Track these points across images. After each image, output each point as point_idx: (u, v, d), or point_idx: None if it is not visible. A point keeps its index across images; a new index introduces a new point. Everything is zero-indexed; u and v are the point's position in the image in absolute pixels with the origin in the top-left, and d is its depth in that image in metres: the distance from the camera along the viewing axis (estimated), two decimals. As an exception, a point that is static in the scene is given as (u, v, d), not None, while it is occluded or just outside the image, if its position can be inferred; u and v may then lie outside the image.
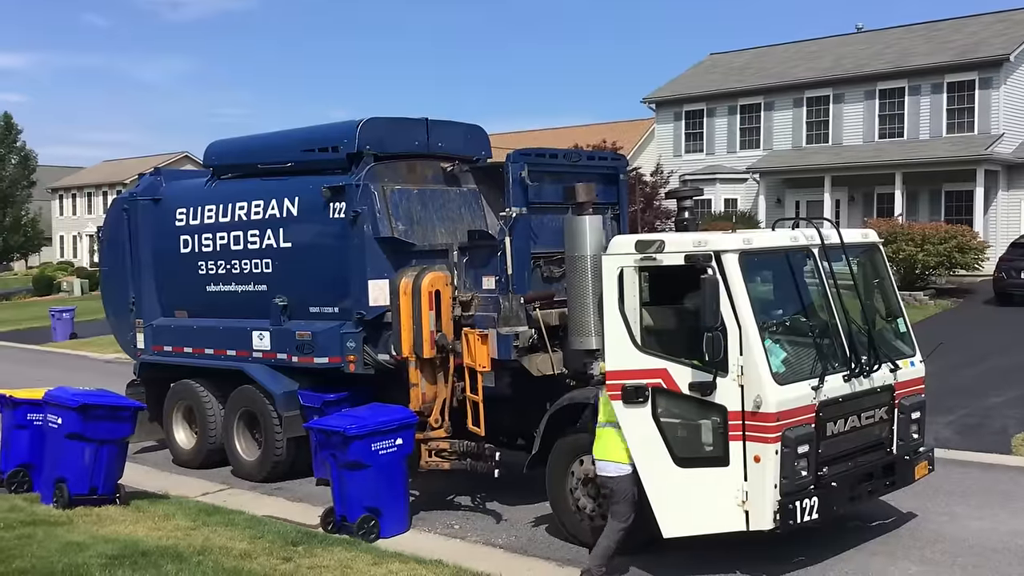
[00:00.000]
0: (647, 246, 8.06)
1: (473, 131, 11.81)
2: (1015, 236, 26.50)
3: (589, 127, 44.85)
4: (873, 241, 9.38)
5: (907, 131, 31.28)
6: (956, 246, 25.09)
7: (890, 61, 32.21)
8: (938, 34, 32.91)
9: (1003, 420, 13.32)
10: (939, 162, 29.14)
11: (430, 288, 9.72)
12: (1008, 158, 29.06)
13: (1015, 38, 29.98)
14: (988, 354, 17.87)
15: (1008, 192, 29.67)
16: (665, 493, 7.87)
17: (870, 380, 8.30)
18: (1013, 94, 29.88)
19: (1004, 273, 23.87)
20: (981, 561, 8.12)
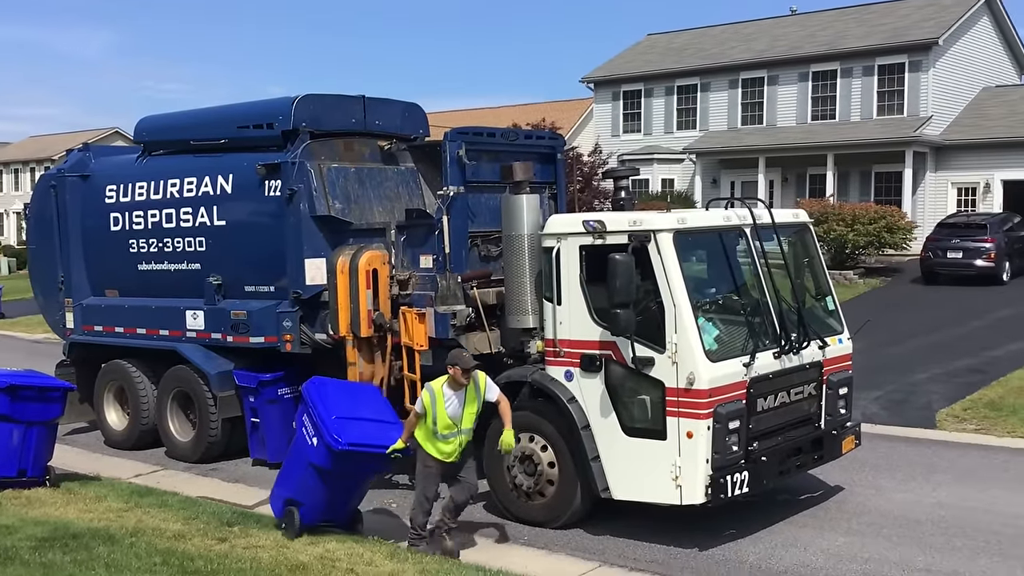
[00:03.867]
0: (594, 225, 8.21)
1: (411, 109, 11.74)
2: (942, 216, 27.21)
3: (529, 106, 44.88)
4: (803, 221, 9.58)
5: (839, 113, 31.86)
6: (885, 226, 25.71)
7: (823, 44, 32.73)
8: (870, 17, 33.50)
9: (928, 396, 13.74)
10: (869, 144, 29.75)
11: (367, 267, 9.68)
12: (936, 140, 29.79)
13: (943, 22, 30.67)
14: (915, 332, 18.38)
15: (935, 174, 30.44)
16: (614, 458, 8.09)
17: (799, 357, 8.52)
18: (941, 77, 30.60)
19: (931, 253, 24.53)
20: (905, 532, 8.40)
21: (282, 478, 8.50)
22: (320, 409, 8.09)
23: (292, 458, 8.43)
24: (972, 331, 18.40)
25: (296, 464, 8.30)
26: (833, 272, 24.71)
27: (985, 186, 29.45)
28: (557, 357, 8.55)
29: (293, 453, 8.44)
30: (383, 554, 7.72)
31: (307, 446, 8.13)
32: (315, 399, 8.20)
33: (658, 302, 7.90)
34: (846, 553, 7.92)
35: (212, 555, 7.71)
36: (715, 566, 7.74)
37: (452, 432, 7.76)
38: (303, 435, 8.23)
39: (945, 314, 20.22)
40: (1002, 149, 29.14)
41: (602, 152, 33.46)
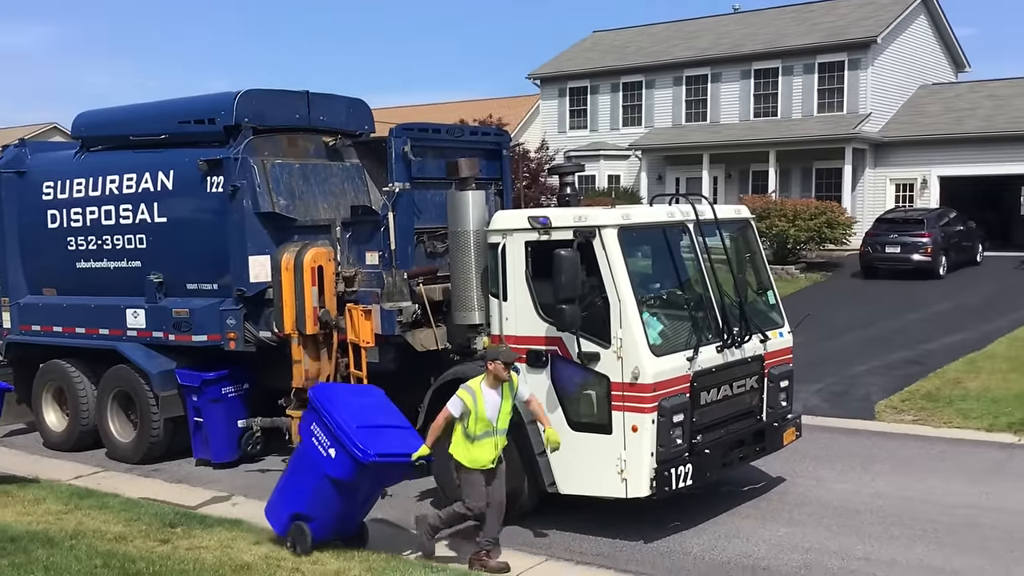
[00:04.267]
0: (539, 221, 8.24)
1: (356, 105, 11.68)
2: (881, 212, 27.77)
3: (476, 102, 44.78)
4: (745, 217, 9.72)
5: (780, 110, 32.34)
6: (825, 222, 26.19)
7: (764, 42, 33.19)
8: (810, 16, 34.04)
9: (867, 388, 14.03)
10: (810, 140, 30.24)
11: (313, 264, 9.61)
12: (875, 137, 30.38)
13: (881, 21, 31.27)
14: (854, 325, 18.75)
15: (874, 170, 31.04)
16: (561, 452, 8.05)
17: (741, 351, 8.65)
18: (880, 75, 31.21)
19: (870, 247, 25.04)
20: (844, 521, 8.57)
21: (286, 492, 7.89)
22: (338, 418, 7.54)
23: (298, 471, 7.81)
24: (910, 324, 18.82)
25: (306, 477, 7.69)
26: (775, 267, 25.19)
27: (922, 182, 30.12)
28: (503, 353, 8.55)
29: (300, 465, 7.82)
30: (329, 553, 7.68)
31: (321, 458, 7.56)
32: (329, 407, 7.65)
33: (603, 297, 7.96)
34: (787, 543, 8.06)
35: (154, 557, 7.61)
36: (660, 558, 7.83)
37: (487, 432, 7.46)
38: (314, 446, 7.64)
39: (884, 308, 20.64)
40: (939, 146, 29.83)
41: (549, 148, 33.56)
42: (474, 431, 7.45)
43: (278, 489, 8.04)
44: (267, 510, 8.07)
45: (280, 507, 7.92)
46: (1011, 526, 8.33)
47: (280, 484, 8.07)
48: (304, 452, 7.82)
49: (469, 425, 7.45)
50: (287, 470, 8.09)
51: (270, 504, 8.06)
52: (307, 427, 7.82)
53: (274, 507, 7.99)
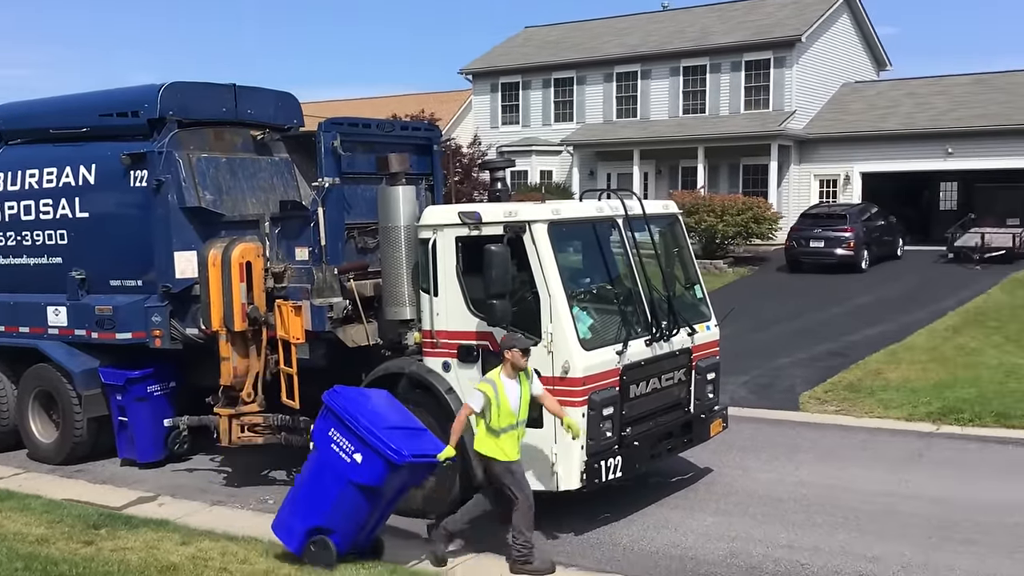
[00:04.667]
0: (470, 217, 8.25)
1: (284, 99, 11.54)
2: (805, 207, 28.40)
3: (408, 97, 44.54)
4: (673, 212, 9.86)
5: (709, 107, 32.82)
6: (752, 217, 26.71)
7: (692, 39, 33.64)
8: (736, 14, 34.60)
9: (791, 379, 14.35)
10: (737, 137, 30.77)
11: (241, 259, 9.48)
12: (800, 134, 31.02)
13: (806, 19, 31.92)
14: (780, 318, 19.16)
15: (799, 166, 31.70)
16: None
17: (670, 344, 8.78)
18: (804, 73, 31.86)
19: (795, 242, 25.60)
20: (769, 510, 8.78)
21: (301, 506, 7.43)
22: (365, 420, 7.22)
23: (316, 481, 7.39)
24: (833, 317, 19.29)
25: (326, 487, 7.30)
26: (704, 261, 25.63)
27: (845, 178, 30.86)
28: (435, 348, 8.58)
29: (318, 475, 7.39)
30: (257, 552, 7.61)
31: (344, 464, 7.18)
32: (352, 410, 7.31)
33: (533, 292, 8.02)
34: (714, 532, 8.22)
35: (77, 559, 7.45)
36: (590, 549, 7.92)
37: (512, 425, 7.36)
38: (334, 453, 7.26)
39: (808, 301, 21.13)
40: (861, 142, 30.59)
41: (481, 144, 33.56)
42: (499, 425, 7.32)
43: (290, 503, 7.53)
44: (277, 527, 7.57)
45: (295, 522, 7.41)
46: (929, 513, 8.61)
47: (292, 498, 7.54)
48: (323, 460, 7.35)
49: (492, 419, 7.32)
50: (301, 482, 7.54)
51: (280, 521, 7.55)
52: (323, 434, 7.37)
53: (286, 523, 7.48)
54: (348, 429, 7.22)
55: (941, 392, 12.95)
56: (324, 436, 7.36)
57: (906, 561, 7.46)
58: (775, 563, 7.53)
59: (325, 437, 7.35)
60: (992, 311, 18.81)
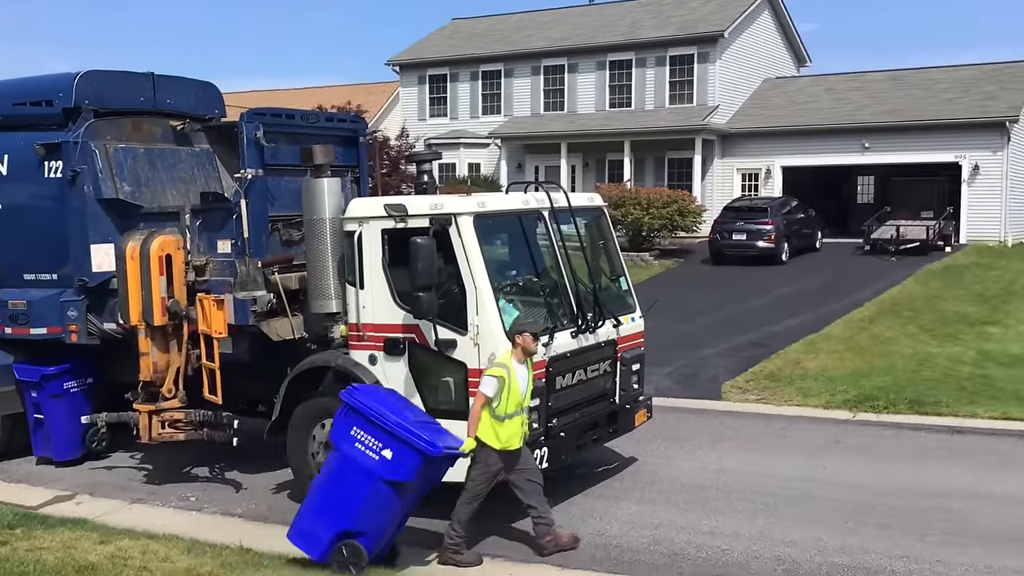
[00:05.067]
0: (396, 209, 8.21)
1: (205, 88, 11.34)
2: (728, 201, 28.91)
3: (334, 88, 44.07)
4: (599, 205, 9.95)
5: (635, 101, 33.16)
6: (677, 210, 27.08)
7: (619, 34, 33.93)
8: (662, 9, 35.00)
9: (715, 369, 14.62)
10: (662, 131, 31.15)
11: (160, 252, 9.29)
12: (723, 128, 31.55)
13: (729, 15, 32.46)
14: (703, 309, 19.48)
15: (723, 160, 32.25)
16: None
17: (595, 336, 8.87)
18: (728, 68, 32.40)
19: (718, 235, 26.06)
20: (692, 498, 8.94)
21: (325, 510, 7.12)
22: (392, 416, 7.04)
23: (341, 482, 7.09)
24: (755, 308, 19.70)
25: (353, 487, 7.03)
26: (631, 254, 25.92)
27: (766, 172, 31.48)
28: (361, 341, 8.53)
29: (343, 476, 7.09)
30: (179, 549, 7.49)
31: (372, 462, 6.96)
32: (377, 406, 7.11)
33: (460, 285, 8.02)
34: (638, 520, 8.35)
35: (-9, 561, 7.23)
36: (516, 540, 7.96)
37: (517, 411, 7.40)
38: (360, 451, 7.03)
39: (731, 292, 21.53)
40: (782, 137, 31.23)
41: (409, 136, 33.40)
42: (506, 410, 7.32)
43: (311, 509, 7.21)
44: (295, 536, 7.24)
45: (318, 529, 7.10)
46: (845, 498, 8.86)
47: (312, 504, 7.23)
48: (347, 460, 7.08)
49: (500, 404, 7.29)
50: (321, 486, 7.22)
51: (299, 529, 7.23)
52: (345, 433, 7.11)
53: (307, 530, 7.17)
54: (375, 425, 7.00)
55: (857, 380, 13.33)
56: (346, 435, 7.10)
57: (823, 545, 7.67)
58: (697, 549, 7.69)
59: (347, 436, 7.09)
60: (906, 301, 19.41)
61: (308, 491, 7.38)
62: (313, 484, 7.39)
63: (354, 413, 7.13)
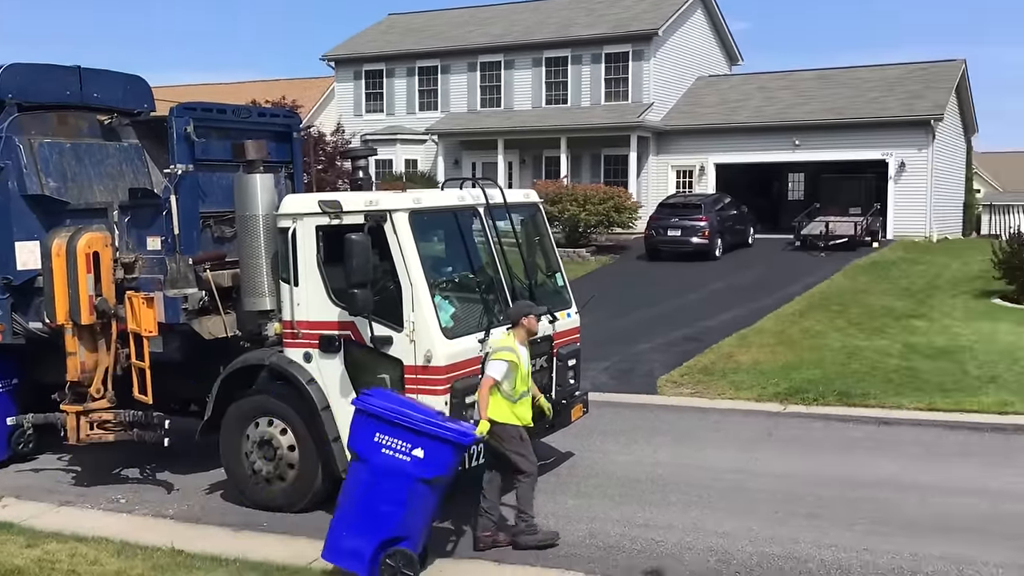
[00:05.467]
0: (331, 206, 8.14)
1: (134, 82, 11.10)
2: (663, 197, 29.25)
3: (269, 82, 43.47)
4: (534, 201, 10.00)
5: (571, 98, 33.35)
6: (613, 206, 27.35)
7: (555, 31, 34.09)
8: (597, 7, 35.24)
9: (650, 364, 14.78)
10: (598, 128, 31.41)
11: (87, 249, 9.08)
12: (657, 126, 31.90)
13: (663, 13, 32.82)
14: (639, 305, 19.68)
15: (658, 157, 32.61)
16: None
17: (531, 331, 8.89)
18: (662, 66, 32.77)
19: (653, 231, 26.35)
20: (627, 491, 9.04)
21: (365, 523, 6.84)
22: (416, 414, 6.91)
23: (376, 491, 6.84)
24: (689, 303, 19.96)
25: (391, 493, 6.81)
26: (568, 250, 26.09)
27: (700, 169, 31.92)
28: (295, 339, 8.45)
29: (372, 486, 6.85)
30: (109, 552, 7.35)
31: (404, 464, 6.76)
32: (396, 408, 6.92)
33: (395, 281, 7.99)
34: (575, 515, 8.41)
35: (-90, 569, 7.01)
36: (453, 537, 7.97)
37: (526, 391, 7.59)
38: (389, 456, 6.81)
39: (666, 288, 21.78)
40: (715, 134, 31.70)
41: (345, 132, 33.11)
42: (518, 390, 7.51)
43: (348, 525, 6.89)
44: (336, 556, 6.93)
45: (360, 543, 6.81)
46: (775, 488, 9.04)
47: (347, 519, 6.91)
48: (377, 468, 6.83)
49: (513, 386, 7.49)
50: (354, 499, 6.91)
51: (338, 549, 6.90)
52: (368, 441, 6.86)
53: (347, 548, 6.86)
54: (400, 427, 6.81)
55: (788, 373, 13.60)
56: (369, 443, 6.87)
57: (754, 535, 7.82)
58: (632, 541, 7.78)
59: (371, 444, 6.86)
60: (835, 296, 19.85)
61: (338, 507, 7.03)
62: (343, 499, 7.05)
63: (374, 419, 6.89)
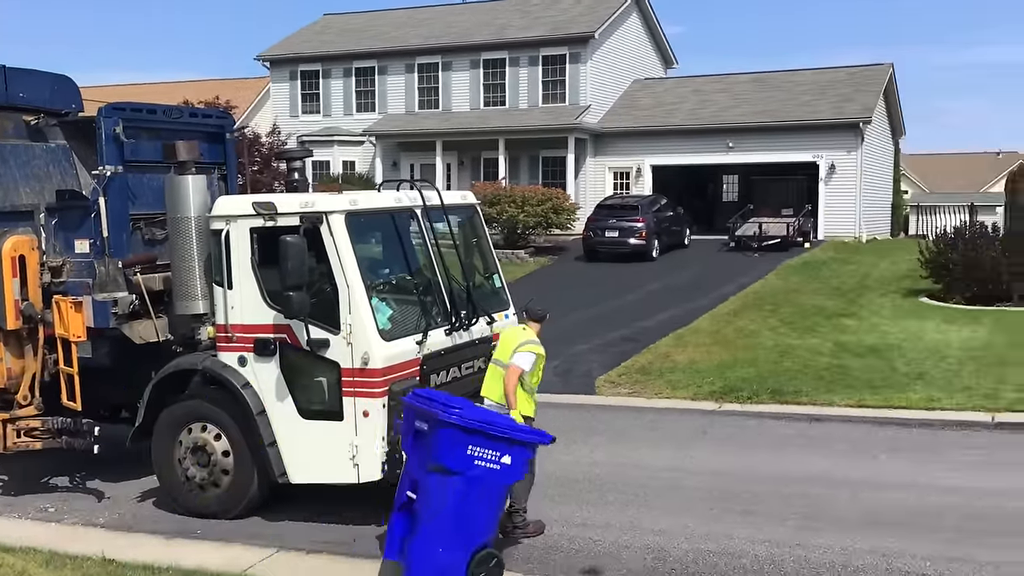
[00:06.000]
0: (265, 207, 8.04)
1: (61, 82, 10.83)
2: (601, 198, 29.47)
3: (202, 83, 42.82)
4: (471, 203, 10.00)
5: (509, 100, 33.43)
6: (552, 207, 27.49)
7: (492, 33, 34.14)
8: (533, 9, 35.38)
9: (589, 365, 14.89)
10: (536, 130, 31.53)
11: (12, 253, 8.86)
12: (594, 128, 32.13)
13: (599, 16, 33.07)
14: (577, 306, 19.79)
15: (595, 158, 32.85)
16: (292, 442, 8.04)
17: (469, 333, 8.91)
18: (598, 69, 33.02)
19: (591, 232, 26.55)
20: (565, 491, 9.09)
21: (456, 537, 6.60)
22: (499, 423, 6.78)
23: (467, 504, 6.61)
24: (627, 304, 20.15)
25: (484, 503, 6.68)
26: (506, 251, 26.15)
27: (637, 170, 32.24)
28: (230, 343, 8.33)
29: (466, 500, 6.60)
30: (37, 563, 7.17)
31: (495, 473, 6.63)
32: (481, 418, 6.70)
33: (332, 284, 7.93)
34: (514, 515, 8.42)
35: None
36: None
37: (535, 387, 8.02)
38: (481, 468, 6.59)
39: (604, 289, 21.96)
40: (651, 136, 32.04)
41: (281, 133, 32.77)
42: (534, 384, 7.98)
43: (442, 540, 6.57)
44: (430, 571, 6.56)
45: (455, 555, 6.57)
46: (710, 486, 9.18)
47: (441, 534, 6.58)
48: (472, 480, 6.59)
49: (534, 378, 7.95)
50: (448, 515, 6.57)
51: (434, 566, 6.56)
52: (462, 455, 6.57)
53: (444, 563, 6.57)
54: (489, 437, 6.64)
55: (723, 372, 13.80)
56: (463, 457, 6.58)
57: (690, 532, 7.93)
58: (569, 541, 7.82)
59: (464, 457, 6.59)
60: (768, 295, 20.21)
61: (421, 522, 6.63)
62: (430, 516, 6.63)
63: (468, 433, 6.61)
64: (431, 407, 6.69)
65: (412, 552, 6.63)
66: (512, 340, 8.00)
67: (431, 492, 6.62)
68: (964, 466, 9.66)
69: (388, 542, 6.84)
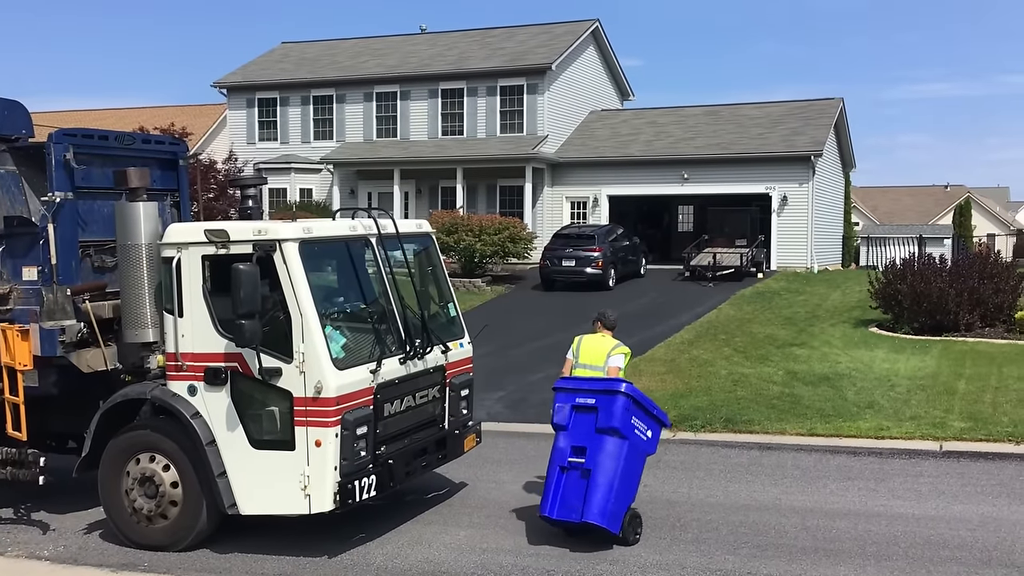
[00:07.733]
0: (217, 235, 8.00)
1: (12, 107, 10.66)
2: (558, 228, 29.65)
3: (158, 109, 42.58)
4: (427, 231, 10.01)
5: (466, 129, 33.60)
6: (509, 236, 27.57)
7: (450, 63, 34.35)
8: (492, 40, 35.69)
9: (544, 393, 14.81)
10: (493, 159, 31.70)
11: (-42, 280, 8.69)
12: (552, 158, 32.38)
13: (557, 49, 33.43)
14: (533, 335, 19.83)
15: (552, 188, 33.07)
16: (242, 472, 7.96)
17: (424, 362, 8.90)
18: (556, 100, 33.33)
19: (548, 261, 26.65)
20: (519, 521, 9.06)
21: (623, 491, 8.21)
22: (647, 401, 8.56)
23: (629, 465, 8.28)
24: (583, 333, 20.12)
25: (637, 467, 8.41)
26: (463, 280, 26.16)
27: (594, 200, 32.51)
28: (180, 371, 8.24)
29: (629, 462, 8.27)
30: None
31: (643, 443, 8.42)
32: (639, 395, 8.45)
33: (285, 312, 7.89)
34: (467, 545, 8.39)
35: None
36: (343, 571, 7.84)
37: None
38: (638, 436, 8.34)
39: (560, 318, 21.96)
40: (608, 167, 32.37)
41: (238, 160, 32.58)
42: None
43: (614, 492, 8.11)
44: (604, 518, 8.05)
45: (620, 508, 8.18)
46: (663, 515, 9.19)
47: (614, 487, 8.11)
48: (633, 446, 8.28)
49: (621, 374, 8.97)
50: (618, 471, 8.15)
51: (606, 512, 8.05)
52: (628, 422, 8.26)
53: (612, 511, 8.10)
54: (645, 412, 8.43)
55: (677, 401, 13.87)
56: (629, 424, 8.28)
57: (642, 562, 7.93)
58: (523, 571, 7.78)
59: (630, 425, 8.29)
60: (722, 325, 20.40)
61: (597, 476, 8.09)
62: (604, 470, 8.13)
63: (633, 404, 8.33)
64: (596, 383, 8.59)
65: (590, 500, 8.05)
66: (601, 346, 9.41)
67: (607, 452, 8.17)
68: (913, 494, 9.79)
69: (547, 500, 8.25)
